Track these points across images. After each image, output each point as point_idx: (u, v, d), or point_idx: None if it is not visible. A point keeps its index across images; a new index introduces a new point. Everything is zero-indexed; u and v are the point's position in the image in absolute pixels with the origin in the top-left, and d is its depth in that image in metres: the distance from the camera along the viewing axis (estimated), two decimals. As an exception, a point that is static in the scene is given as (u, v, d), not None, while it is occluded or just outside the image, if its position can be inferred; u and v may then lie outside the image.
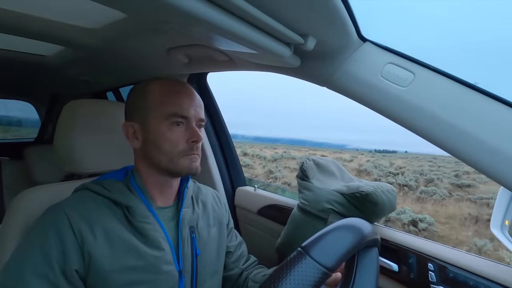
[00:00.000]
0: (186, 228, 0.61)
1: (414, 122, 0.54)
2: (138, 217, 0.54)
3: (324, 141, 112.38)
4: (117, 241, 0.51)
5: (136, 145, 0.58)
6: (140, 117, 0.57)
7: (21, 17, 0.69)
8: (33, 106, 2.31)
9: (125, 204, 0.54)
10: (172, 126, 0.56)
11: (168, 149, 0.55)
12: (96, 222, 0.51)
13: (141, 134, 0.57)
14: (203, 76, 1.18)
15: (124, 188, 0.57)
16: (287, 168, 12.12)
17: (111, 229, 0.52)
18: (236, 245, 0.76)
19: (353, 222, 0.40)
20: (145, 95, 0.57)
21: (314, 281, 0.31)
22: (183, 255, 0.58)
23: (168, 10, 0.36)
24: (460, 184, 9.28)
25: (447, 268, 0.66)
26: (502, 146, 0.46)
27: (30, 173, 1.46)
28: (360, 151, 29.05)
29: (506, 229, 0.58)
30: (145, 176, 0.60)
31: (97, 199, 0.55)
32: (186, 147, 0.57)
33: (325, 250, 0.33)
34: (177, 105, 0.56)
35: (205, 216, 0.68)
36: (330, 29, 0.52)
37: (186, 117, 0.57)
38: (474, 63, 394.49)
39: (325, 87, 0.67)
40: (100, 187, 0.56)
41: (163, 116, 0.55)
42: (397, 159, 19.19)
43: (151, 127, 0.56)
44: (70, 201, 0.54)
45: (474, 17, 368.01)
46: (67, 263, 0.48)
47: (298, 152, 22.07)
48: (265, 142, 69.32)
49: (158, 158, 0.56)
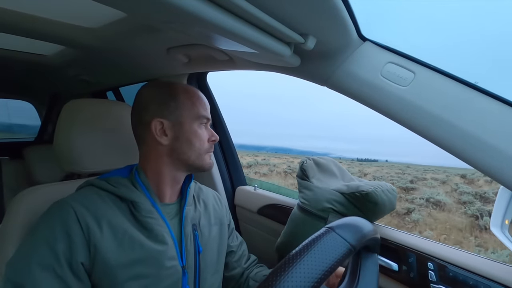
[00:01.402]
0: (189, 225, 0.62)
1: (414, 122, 0.54)
2: (143, 212, 0.56)
3: (309, 150, 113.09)
4: (122, 235, 0.53)
5: (164, 141, 0.60)
6: (172, 115, 0.60)
7: (21, 17, 0.69)
8: (33, 106, 2.31)
9: (130, 199, 0.56)
10: (201, 126, 0.63)
11: (198, 146, 0.61)
12: (102, 216, 0.52)
13: (171, 131, 0.60)
14: (203, 75, 1.18)
15: (129, 184, 0.59)
16: (257, 173, 13.77)
17: (117, 223, 0.53)
18: (238, 245, 0.77)
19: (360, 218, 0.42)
20: (176, 97, 0.61)
21: (341, 254, 0.33)
22: (186, 251, 0.60)
23: (168, 10, 0.36)
24: (405, 187, 10.58)
25: (447, 267, 0.66)
26: (502, 146, 0.46)
27: (30, 173, 1.46)
28: (341, 159, 30.21)
29: (506, 229, 0.58)
30: (159, 173, 0.61)
31: (102, 194, 0.56)
32: (208, 146, 0.64)
33: (349, 230, 0.36)
34: (204, 109, 0.63)
35: (207, 215, 0.69)
36: (330, 28, 0.52)
37: (208, 118, 0.65)
38: (474, 63, 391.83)
39: (325, 86, 0.67)
40: (106, 183, 0.58)
41: (195, 116, 0.61)
42: (371, 167, 21.74)
43: (185, 125, 0.60)
44: (76, 196, 0.55)
45: (474, 17, 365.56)
46: (74, 255, 0.48)
47: (278, 160, 23.30)
48: (249, 150, 69.82)
49: (187, 154, 0.61)
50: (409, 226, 6.64)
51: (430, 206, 8.15)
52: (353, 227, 0.37)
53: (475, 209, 7.27)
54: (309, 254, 0.32)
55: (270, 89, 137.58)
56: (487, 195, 8.62)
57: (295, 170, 13.88)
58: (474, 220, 6.87)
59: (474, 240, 6.02)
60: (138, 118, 0.62)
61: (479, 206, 7.43)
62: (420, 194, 9.28)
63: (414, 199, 8.56)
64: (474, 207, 7.40)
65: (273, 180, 11.74)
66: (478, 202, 8.26)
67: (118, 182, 0.58)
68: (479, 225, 6.56)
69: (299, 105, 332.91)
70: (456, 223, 6.90)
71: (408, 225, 6.67)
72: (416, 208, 7.72)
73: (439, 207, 8.10)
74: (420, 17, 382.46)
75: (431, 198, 8.47)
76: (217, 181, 1.22)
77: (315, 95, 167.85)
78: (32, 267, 0.46)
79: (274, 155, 31.56)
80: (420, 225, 6.74)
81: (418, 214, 7.18)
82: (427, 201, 8.40)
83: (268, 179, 12.08)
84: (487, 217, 6.71)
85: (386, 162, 30.58)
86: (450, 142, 0.50)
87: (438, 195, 8.76)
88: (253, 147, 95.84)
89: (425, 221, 7.01)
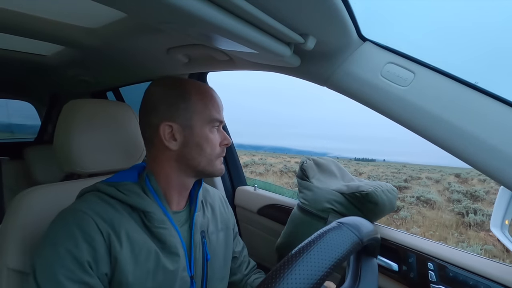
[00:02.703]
0: (198, 233, 0.60)
1: (414, 122, 0.54)
2: (156, 223, 0.53)
3: (307, 149, 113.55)
4: (139, 248, 0.50)
5: (173, 147, 0.56)
6: (182, 118, 0.55)
7: (21, 17, 0.69)
8: (33, 106, 2.31)
9: (142, 209, 0.53)
10: (213, 129, 0.58)
11: (209, 152, 0.57)
12: (120, 227, 0.50)
13: (181, 135, 0.56)
14: (203, 75, 1.18)
15: (140, 191, 0.55)
16: (253, 173, 13.78)
17: (133, 235, 0.51)
18: (240, 250, 0.76)
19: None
20: (187, 95, 0.56)
21: (351, 244, 0.35)
22: (195, 260, 0.58)
23: (168, 10, 0.36)
24: (399, 186, 10.81)
25: (447, 268, 0.66)
26: (502, 146, 0.46)
27: (30, 173, 1.46)
28: (339, 159, 30.37)
29: (506, 229, 0.58)
30: (167, 178, 0.58)
31: (113, 203, 0.52)
32: (220, 150, 0.60)
33: (356, 226, 0.38)
34: (217, 109, 0.59)
35: (214, 220, 0.67)
36: (330, 28, 0.52)
37: (221, 121, 0.60)
38: (474, 63, 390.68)
39: (325, 86, 0.67)
40: (115, 190, 0.54)
41: (207, 119, 0.57)
42: (367, 166, 22.10)
43: (195, 129, 0.56)
44: (88, 204, 0.51)
45: (473, 17, 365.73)
46: (99, 267, 0.47)
47: (275, 159, 23.24)
48: (247, 149, 69.91)
49: (198, 159, 0.57)
50: (397, 223, 6.71)
51: (420, 204, 8.26)
52: (359, 223, 0.39)
53: (462, 206, 7.40)
54: (321, 243, 0.33)
55: (267, 85, 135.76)
56: (477, 194, 8.77)
57: (291, 169, 13.92)
58: (460, 218, 6.98)
59: (458, 235, 6.16)
60: (146, 120, 0.58)
61: (466, 204, 7.55)
62: (412, 193, 9.43)
63: (405, 198, 8.68)
64: (461, 205, 7.51)
65: (268, 179, 11.80)
66: (466, 200, 8.40)
67: (128, 189, 0.54)
68: (464, 222, 6.69)
69: (298, 104, 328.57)
70: (443, 220, 7.00)
71: (396, 222, 6.76)
72: (405, 206, 7.85)
73: (429, 205, 8.22)
74: (420, 17, 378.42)
75: (422, 196, 8.59)
76: (217, 181, 1.22)
77: (315, 94, 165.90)
78: (63, 283, 0.44)
79: (271, 155, 31.69)
80: (407, 222, 6.85)
81: (407, 211, 7.26)
82: (418, 199, 8.52)
83: (263, 179, 12.13)
84: (472, 214, 6.84)
85: (383, 162, 30.81)
86: (450, 142, 0.50)
87: (428, 194, 8.90)
88: (252, 146, 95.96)
89: (413, 219, 7.12)
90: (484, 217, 6.54)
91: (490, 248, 5.26)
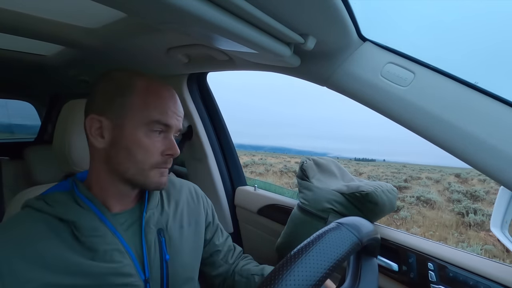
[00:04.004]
0: (153, 232, 0.54)
1: (414, 122, 0.54)
2: (85, 231, 0.47)
3: (307, 149, 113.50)
4: (52, 260, 0.44)
5: (99, 144, 0.49)
6: (114, 113, 0.48)
7: (21, 17, 0.69)
8: (33, 106, 2.32)
9: (69, 220, 0.47)
10: (151, 133, 0.49)
11: (140, 159, 0.49)
12: (27, 245, 0.44)
13: (109, 133, 0.49)
14: (203, 75, 1.18)
15: (69, 200, 0.50)
16: (253, 173, 13.73)
17: (44, 250, 0.44)
18: (223, 242, 0.71)
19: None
20: (127, 90, 0.49)
21: (350, 245, 0.35)
22: (149, 262, 0.52)
23: (168, 10, 0.36)
24: (398, 186, 10.81)
25: (447, 268, 0.66)
26: (502, 146, 0.46)
27: (30, 173, 1.46)
28: (339, 159, 30.43)
29: (506, 229, 0.58)
30: (103, 181, 0.52)
31: (37, 217, 0.47)
32: (159, 160, 0.51)
33: (355, 226, 0.38)
34: (162, 111, 0.50)
35: (177, 216, 0.61)
36: (330, 28, 0.52)
37: (169, 126, 0.51)
38: (474, 63, 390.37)
39: (325, 86, 0.67)
40: (43, 203, 0.49)
41: (145, 120, 0.48)
42: (367, 167, 22.02)
43: (126, 128, 0.48)
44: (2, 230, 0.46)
45: (473, 17, 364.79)
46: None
47: (275, 159, 23.13)
48: (247, 149, 69.82)
49: (125, 165, 0.49)
50: (397, 223, 6.72)
51: (420, 204, 8.26)
52: (358, 223, 0.39)
53: (462, 206, 7.39)
54: (320, 244, 0.33)
55: (267, 82, 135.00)
56: (477, 194, 8.75)
57: (291, 169, 13.90)
58: (460, 218, 6.99)
59: (459, 235, 6.18)
60: (84, 110, 0.52)
61: (466, 204, 7.54)
62: (412, 193, 9.43)
63: (405, 198, 8.67)
64: (461, 205, 7.52)
65: (268, 180, 11.82)
66: (466, 200, 8.39)
67: (55, 199, 0.49)
68: (464, 222, 6.69)
69: (299, 104, 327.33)
70: (443, 220, 7.01)
71: (396, 222, 6.76)
72: (405, 206, 7.85)
73: (429, 205, 8.21)
74: (420, 17, 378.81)
75: (422, 196, 8.57)
76: (217, 181, 1.22)
77: (314, 94, 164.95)
78: None
79: (271, 155, 31.72)
80: (407, 222, 6.84)
81: (407, 211, 7.27)
82: (418, 199, 8.51)
83: (263, 179, 12.13)
84: (472, 214, 6.82)
85: (383, 162, 30.90)
86: (450, 142, 0.50)
87: (428, 194, 8.87)
88: (252, 146, 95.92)
89: (413, 219, 7.11)
90: (484, 217, 6.55)
91: (490, 248, 5.26)
